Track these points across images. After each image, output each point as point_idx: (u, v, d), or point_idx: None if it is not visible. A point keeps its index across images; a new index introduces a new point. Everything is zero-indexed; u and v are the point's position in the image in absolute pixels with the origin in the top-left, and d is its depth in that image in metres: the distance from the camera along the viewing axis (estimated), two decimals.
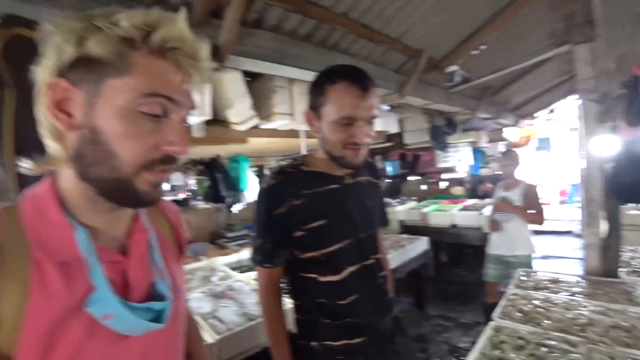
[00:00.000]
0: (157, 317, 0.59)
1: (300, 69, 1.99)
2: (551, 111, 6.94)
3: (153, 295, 0.61)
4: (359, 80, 0.98)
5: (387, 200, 5.91)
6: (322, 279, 1.09)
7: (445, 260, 5.57)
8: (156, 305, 0.59)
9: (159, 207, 0.75)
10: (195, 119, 2.58)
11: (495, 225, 3.11)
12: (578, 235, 6.35)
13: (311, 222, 1.07)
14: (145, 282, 0.61)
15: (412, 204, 5.69)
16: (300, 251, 1.10)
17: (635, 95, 2.06)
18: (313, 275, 1.10)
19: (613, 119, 1.69)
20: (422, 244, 3.76)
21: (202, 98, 2.38)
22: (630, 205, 4.34)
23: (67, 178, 0.55)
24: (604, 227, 2.58)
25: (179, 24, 0.52)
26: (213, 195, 3.62)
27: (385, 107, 4.38)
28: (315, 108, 1.06)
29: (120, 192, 0.53)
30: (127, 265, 0.58)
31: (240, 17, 1.56)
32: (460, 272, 5.19)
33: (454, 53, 2.88)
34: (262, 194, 1.09)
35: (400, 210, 5.21)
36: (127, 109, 0.50)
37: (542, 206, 2.96)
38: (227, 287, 2.57)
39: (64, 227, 0.53)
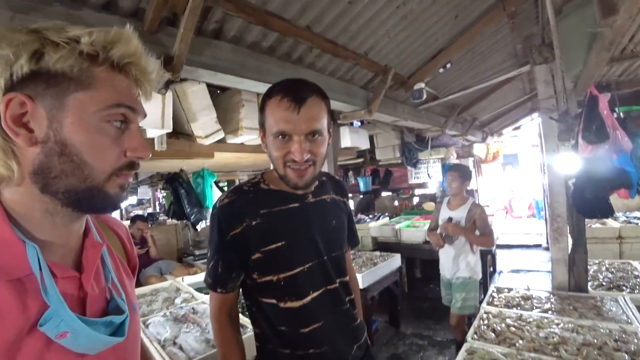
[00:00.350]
0: (116, 331, 0.58)
1: (263, 83, 1.92)
2: (516, 128, 7.24)
3: (110, 310, 0.61)
4: (292, 92, 0.91)
5: (361, 216, 5.89)
6: (282, 305, 0.99)
7: (418, 277, 5.55)
8: (116, 318, 0.58)
9: (107, 223, 0.75)
10: (156, 132, 2.46)
11: (439, 240, 2.87)
12: (546, 249, 6.53)
13: (269, 244, 0.98)
14: (101, 297, 0.60)
15: (385, 220, 5.66)
16: (258, 275, 1.01)
17: (592, 114, 2.13)
18: (272, 301, 1.01)
19: (573, 137, 1.72)
20: (395, 262, 3.70)
21: (163, 110, 2.27)
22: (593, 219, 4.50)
23: (19, 193, 0.53)
24: (569, 242, 2.63)
25: (133, 41, 0.55)
26: (176, 211, 3.44)
27: (357, 124, 4.40)
28: (261, 124, 1.00)
29: (92, 199, 0.54)
30: (82, 280, 0.57)
31: (197, 26, 1.47)
32: (434, 288, 5.16)
33: (420, 70, 2.91)
34: (215, 213, 1.01)
35: (373, 226, 5.16)
36: (95, 120, 0.52)
37: (492, 227, 2.79)
38: (190, 310, 2.44)
39: (14, 243, 0.50)
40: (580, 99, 2.37)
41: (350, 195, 8.06)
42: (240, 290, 1.09)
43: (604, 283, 2.73)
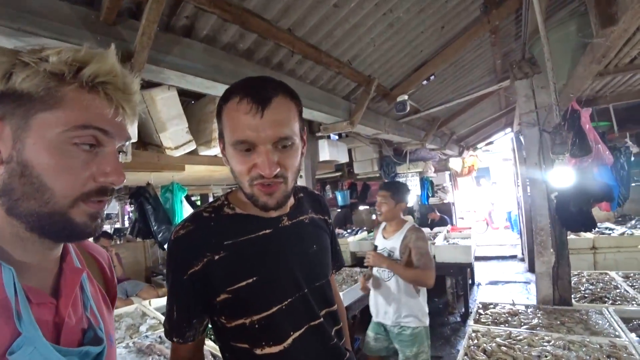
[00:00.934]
0: None
1: None
2: (490, 143, 7.44)
3: (87, 339, 0.57)
4: (253, 92, 0.74)
5: (339, 230, 5.76)
6: (259, 351, 0.82)
7: None
8: (93, 349, 0.56)
9: (87, 249, 0.72)
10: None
11: (365, 284, 2.33)
12: (522, 260, 6.64)
13: (237, 282, 0.80)
14: (77, 327, 0.57)
15: (363, 234, 5.55)
16: (226, 319, 0.83)
17: (575, 128, 2.13)
18: (246, 346, 0.83)
19: (567, 150, 1.68)
20: None
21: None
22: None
23: None
24: (551, 253, 2.61)
25: (109, 60, 0.53)
26: (141, 229, 3.16)
27: (334, 137, 4.31)
28: (220, 133, 0.82)
29: (55, 226, 0.51)
30: (60, 307, 0.54)
31: (164, 20, 1.31)
32: None
33: (404, 82, 2.86)
34: (170, 248, 0.84)
35: (352, 241, 5.03)
36: (58, 142, 0.50)
37: (430, 260, 2.19)
38: (156, 340, 2.21)
39: None
40: (561, 113, 2.39)
41: None
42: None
43: (586, 295, 2.75)
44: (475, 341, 2.05)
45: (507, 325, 2.27)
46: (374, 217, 7.59)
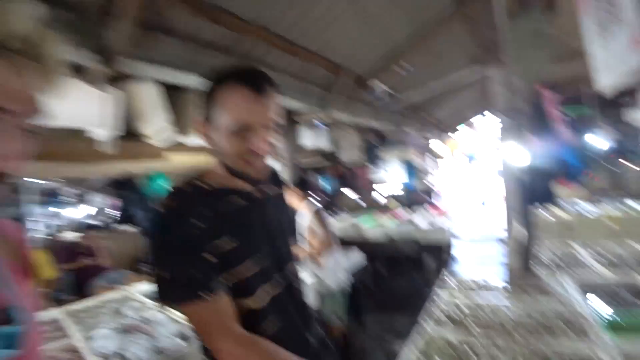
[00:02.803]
0: (8, 344, 0.52)
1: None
2: (472, 125, 7.58)
3: (1, 319, 0.54)
4: (252, 80, 0.87)
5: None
6: (255, 304, 0.90)
7: (383, 273, 5.63)
8: (5, 329, 0.52)
9: None
10: (104, 133, 2.28)
11: None
12: (503, 242, 6.80)
13: (224, 245, 0.87)
14: None
15: (348, 218, 5.68)
16: (228, 275, 0.90)
17: (538, 110, 2.27)
18: (248, 303, 0.91)
19: (523, 133, 1.82)
20: (355, 256, 3.75)
21: (112, 111, 2.11)
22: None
23: None
24: (520, 228, 2.78)
25: (8, 17, 0.42)
26: (127, 217, 3.25)
27: (320, 125, 4.39)
28: (207, 116, 0.92)
29: None
30: None
31: (138, 17, 1.36)
32: (398, 282, 5.29)
33: (378, 70, 2.93)
34: (165, 219, 0.86)
35: (337, 225, 5.16)
36: None
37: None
38: (140, 320, 2.27)
39: None
40: (529, 97, 2.51)
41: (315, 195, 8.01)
42: None
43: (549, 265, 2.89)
44: (440, 307, 2.17)
45: (473, 293, 2.41)
46: (358, 201, 7.71)
